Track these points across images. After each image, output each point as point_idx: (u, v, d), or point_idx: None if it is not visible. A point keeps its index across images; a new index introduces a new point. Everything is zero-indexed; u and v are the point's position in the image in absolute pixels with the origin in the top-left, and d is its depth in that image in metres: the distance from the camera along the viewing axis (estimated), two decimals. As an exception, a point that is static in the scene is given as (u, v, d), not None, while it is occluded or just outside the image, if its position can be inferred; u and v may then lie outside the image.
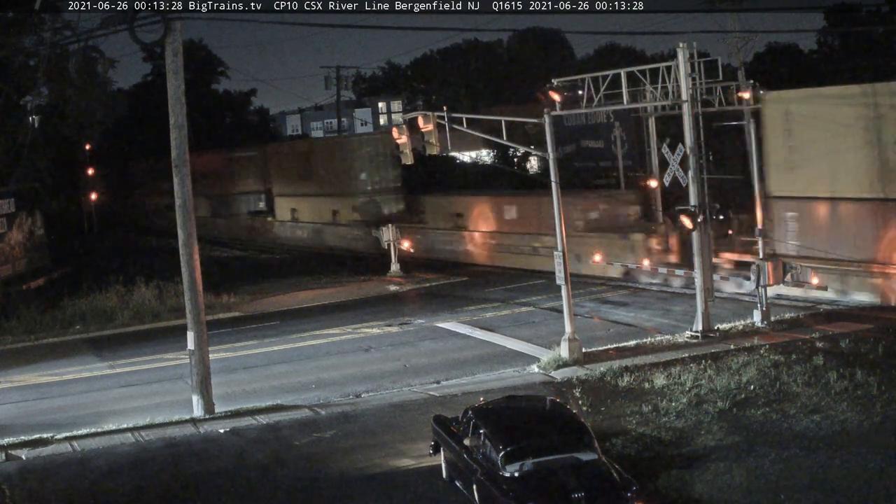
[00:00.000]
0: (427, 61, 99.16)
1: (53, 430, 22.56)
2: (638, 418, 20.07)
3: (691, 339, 26.99)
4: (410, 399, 23.43)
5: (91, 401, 25.88)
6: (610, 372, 23.90)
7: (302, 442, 20.59)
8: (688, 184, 27.41)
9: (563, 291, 26.03)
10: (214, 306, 36.44)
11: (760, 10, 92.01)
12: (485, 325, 31.64)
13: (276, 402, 23.90)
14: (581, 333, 26.40)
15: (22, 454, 21.10)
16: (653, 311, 32.06)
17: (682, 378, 22.40)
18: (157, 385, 27.15)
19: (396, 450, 19.49)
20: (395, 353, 28.89)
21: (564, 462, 15.17)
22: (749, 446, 17.86)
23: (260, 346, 31.32)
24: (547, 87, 28.02)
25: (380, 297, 39.37)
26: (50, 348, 33.47)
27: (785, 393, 20.81)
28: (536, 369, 25.43)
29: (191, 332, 23.38)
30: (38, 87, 43.51)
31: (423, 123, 27.76)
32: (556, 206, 26.31)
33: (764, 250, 29.16)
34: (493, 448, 15.37)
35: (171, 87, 23.12)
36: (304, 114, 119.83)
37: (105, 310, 37.36)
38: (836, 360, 22.70)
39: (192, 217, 23.41)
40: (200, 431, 22.03)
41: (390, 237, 43.94)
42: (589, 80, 28.18)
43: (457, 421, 17.47)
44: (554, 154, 26.30)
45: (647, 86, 27.76)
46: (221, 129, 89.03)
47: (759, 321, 27.90)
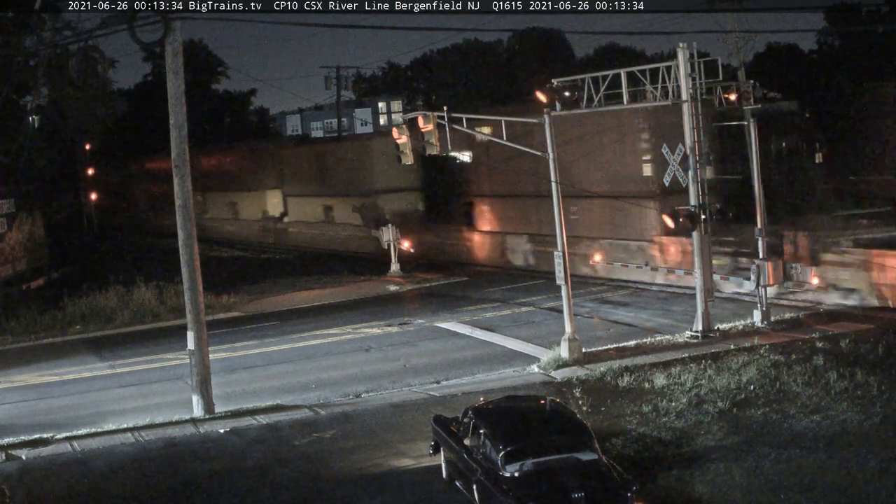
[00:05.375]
0: (427, 61, 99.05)
1: (53, 430, 22.57)
2: (638, 418, 20.07)
3: (691, 339, 26.99)
4: (410, 399, 23.43)
5: (91, 401, 25.88)
6: (610, 372, 23.90)
7: (302, 442, 20.59)
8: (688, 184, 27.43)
9: (563, 291, 26.03)
10: (214, 306, 36.46)
11: (760, 10, 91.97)
12: (485, 325, 31.64)
13: (276, 402, 23.90)
14: (581, 333, 26.41)
15: (22, 454, 21.09)
16: (653, 311, 32.06)
17: (682, 378, 22.40)
18: (157, 385, 27.16)
19: (396, 450, 19.49)
20: (395, 353, 28.89)
21: (564, 462, 15.16)
22: (749, 446, 17.86)
23: (260, 346, 31.31)
24: (547, 86, 27.96)
25: (379, 296, 39.37)
26: (50, 348, 33.47)
27: (785, 393, 20.81)
28: (536, 369, 25.43)
29: (191, 332, 23.38)
30: (38, 87, 43.45)
31: (423, 123, 27.75)
32: (557, 206, 26.31)
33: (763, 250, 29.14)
34: (493, 448, 15.36)
35: (171, 87, 23.13)
36: (304, 114, 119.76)
37: (105, 310, 37.39)
38: (836, 360, 22.69)
39: (192, 217, 23.41)
40: (200, 431, 22.03)
41: (390, 237, 43.92)
42: (589, 80, 28.15)
43: (457, 421, 17.46)
44: (554, 154, 26.30)
45: (648, 86, 27.73)
46: (221, 129, 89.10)
47: (759, 321, 27.90)
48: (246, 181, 69.11)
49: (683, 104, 27.27)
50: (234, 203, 71.63)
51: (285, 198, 65.17)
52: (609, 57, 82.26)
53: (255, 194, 68.23)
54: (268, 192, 66.45)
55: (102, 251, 65.70)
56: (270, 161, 66.49)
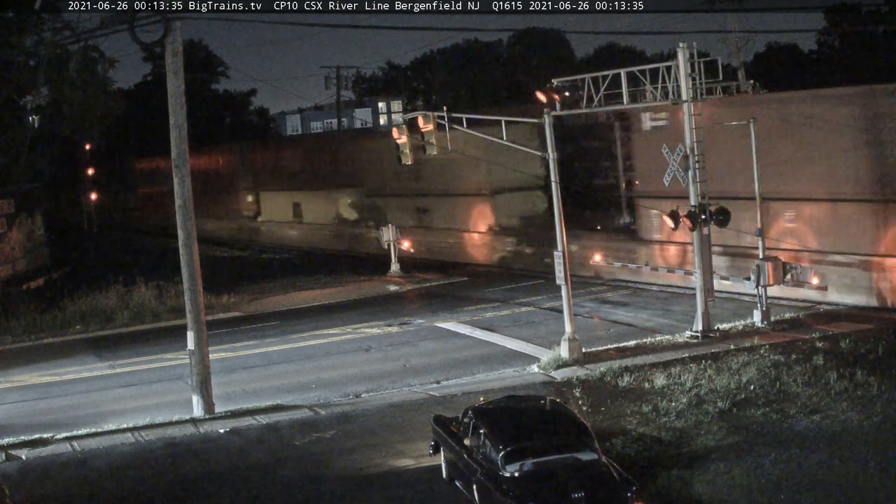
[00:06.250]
0: (427, 61, 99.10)
1: (53, 430, 22.56)
2: (638, 418, 20.07)
3: (691, 339, 26.99)
4: (410, 399, 23.43)
5: (91, 401, 25.88)
6: (610, 372, 23.90)
7: (302, 442, 20.60)
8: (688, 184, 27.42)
9: (563, 291, 26.03)
10: (214, 306, 36.45)
11: (760, 10, 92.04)
12: (485, 325, 31.63)
13: (276, 402, 23.90)
14: (581, 333, 26.40)
15: (22, 454, 21.09)
16: (653, 311, 32.05)
17: (682, 378, 22.40)
18: (157, 385, 27.15)
19: (396, 450, 19.49)
20: (395, 353, 28.89)
21: (564, 462, 15.16)
22: (749, 446, 17.86)
23: (260, 346, 31.31)
24: (547, 86, 27.97)
25: (379, 296, 39.38)
26: (50, 348, 33.46)
27: (785, 393, 20.81)
28: (536, 369, 25.43)
29: (191, 332, 23.38)
30: (38, 87, 43.48)
31: (423, 123, 27.77)
32: (557, 206, 26.31)
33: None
34: (493, 448, 15.36)
35: (171, 87, 23.13)
36: (304, 114, 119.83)
37: (105, 310, 37.37)
38: (836, 360, 22.70)
39: (192, 217, 23.41)
40: (200, 431, 22.03)
41: (390, 237, 43.91)
42: (589, 80, 28.16)
43: (457, 421, 17.47)
44: (554, 154, 26.31)
45: (647, 86, 27.74)
46: (221, 129, 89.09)
47: (759, 321, 27.90)
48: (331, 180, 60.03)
49: (683, 104, 27.28)
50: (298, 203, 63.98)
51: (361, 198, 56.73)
52: (609, 57, 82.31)
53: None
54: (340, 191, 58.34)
55: (102, 251, 65.68)
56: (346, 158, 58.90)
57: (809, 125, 30.34)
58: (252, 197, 69.10)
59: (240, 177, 70.26)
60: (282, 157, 67.14)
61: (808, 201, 31.12)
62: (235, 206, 70.85)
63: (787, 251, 30.54)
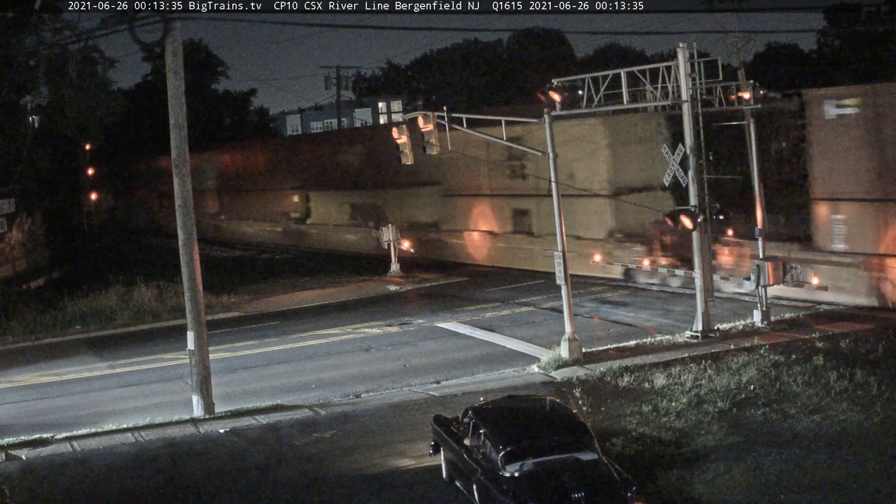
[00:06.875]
0: (427, 61, 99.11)
1: (53, 430, 22.57)
2: (638, 418, 20.07)
3: (691, 339, 27.00)
4: (410, 399, 23.43)
5: (91, 401, 25.89)
6: (610, 372, 23.91)
7: (302, 442, 20.59)
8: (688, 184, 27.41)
9: (563, 291, 26.03)
10: (214, 306, 36.47)
11: (760, 10, 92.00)
12: (485, 325, 31.64)
13: (276, 402, 23.90)
14: (581, 333, 26.41)
15: (22, 454, 21.10)
16: (653, 311, 32.06)
17: (682, 378, 22.41)
18: (157, 385, 27.16)
19: (396, 450, 19.49)
20: (395, 353, 28.89)
21: (564, 462, 15.17)
22: (749, 446, 17.86)
23: (260, 346, 31.31)
24: (547, 86, 27.97)
25: (379, 296, 39.38)
26: (50, 348, 33.47)
27: (785, 393, 20.81)
28: (536, 369, 25.43)
29: (191, 332, 23.38)
30: (38, 87, 43.50)
31: (423, 123, 27.75)
32: (556, 206, 26.31)
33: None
34: (493, 448, 15.37)
35: (170, 87, 23.13)
36: (304, 114, 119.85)
37: (105, 310, 37.40)
38: (836, 360, 22.70)
39: (192, 217, 23.41)
40: (200, 431, 22.03)
41: (390, 237, 43.92)
42: (589, 80, 28.17)
43: (457, 421, 17.47)
44: (553, 154, 26.31)
45: (648, 86, 27.74)
46: (222, 129, 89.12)
47: (759, 321, 27.91)
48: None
49: (683, 104, 27.28)
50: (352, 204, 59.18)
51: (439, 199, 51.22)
52: (609, 57, 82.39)
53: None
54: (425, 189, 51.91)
55: (102, 251, 65.70)
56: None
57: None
58: (299, 197, 63.87)
59: (283, 175, 65.20)
60: (338, 152, 60.66)
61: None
62: (279, 207, 65.80)
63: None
